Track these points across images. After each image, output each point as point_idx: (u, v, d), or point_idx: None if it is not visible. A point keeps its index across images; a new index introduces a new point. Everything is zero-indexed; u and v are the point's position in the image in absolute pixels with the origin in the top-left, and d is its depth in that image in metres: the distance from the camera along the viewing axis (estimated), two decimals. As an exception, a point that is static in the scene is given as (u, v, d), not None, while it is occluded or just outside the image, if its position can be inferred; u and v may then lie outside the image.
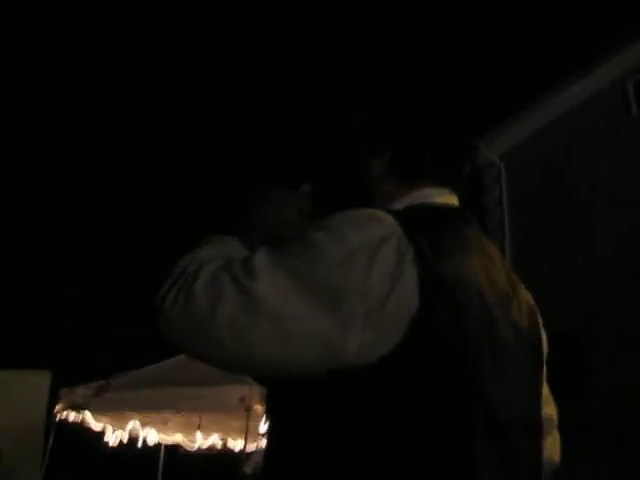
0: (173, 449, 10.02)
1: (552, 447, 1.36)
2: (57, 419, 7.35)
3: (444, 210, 1.19)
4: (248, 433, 7.02)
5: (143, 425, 8.54)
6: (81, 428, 7.76)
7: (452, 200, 1.25)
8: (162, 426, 8.71)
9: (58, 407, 7.31)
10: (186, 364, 7.73)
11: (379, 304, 0.94)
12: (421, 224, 1.04)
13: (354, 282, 0.94)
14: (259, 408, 6.82)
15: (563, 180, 8.84)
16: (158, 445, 9.60)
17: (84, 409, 7.28)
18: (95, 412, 7.53)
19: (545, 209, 9.07)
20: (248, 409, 6.70)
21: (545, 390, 1.30)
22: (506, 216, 10.04)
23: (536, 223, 9.21)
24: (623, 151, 8.19)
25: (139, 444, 8.87)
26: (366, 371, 0.95)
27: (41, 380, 6.70)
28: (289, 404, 1.06)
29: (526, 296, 1.27)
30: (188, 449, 9.77)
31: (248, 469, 6.95)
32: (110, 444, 8.53)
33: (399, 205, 1.17)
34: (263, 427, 7.31)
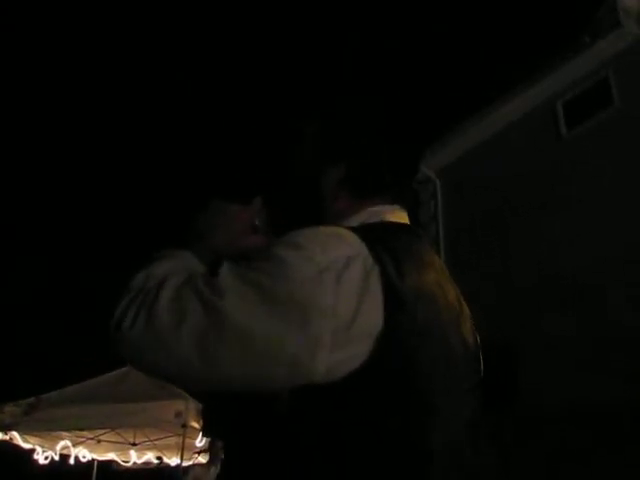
0: (106, 464, 9.79)
1: None
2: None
3: (399, 227, 1.19)
4: (184, 449, 6.93)
5: (75, 444, 8.31)
6: (9, 446, 7.49)
7: (403, 217, 1.26)
8: (95, 445, 8.48)
9: (-15, 427, 7.03)
10: (119, 380, 7.56)
11: (346, 324, 0.94)
12: (382, 242, 1.04)
13: (322, 301, 0.93)
14: (195, 424, 6.73)
15: (496, 196, 9.10)
16: (91, 461, 9.36)
17: (12, 429, 7.03)
18: (24, 432, 7.28)
19: (478, 224, 9.32)
20: (184, 425, 6.60)
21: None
22: (441, 230, 10.27)
23: (469, 237, 9.45)
24: (553, 170, 8.50)
25: (71, 461, 8.63)
26: (331, 388, 0.95)
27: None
28: (246, 423, 1.05)
29: (467, 310, 1.29)
30: (122, 465, 9.56)
31: (187, 484, 6.85)
32: (40, 462, 8.27)
33: (353, 222, 1.17)
34: (199, 443, 7.22)
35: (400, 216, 1.25)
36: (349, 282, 0.96)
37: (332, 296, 0.94)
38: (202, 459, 7.70)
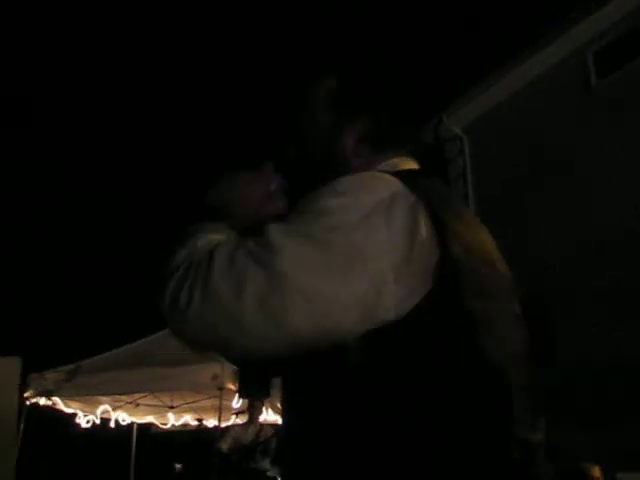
0: (146, 427, 10.04)
1: None
2: (28, 404, 7.29)
3: (424, 173, 1.17)
4: (221, 411, 7.07)
5: (114, 409, 8.53)
6: (53, 411, 7.72)
7: (415, 165, 1.24)
8: (133, 409, 8.70)
9: (28, 393, 7.25)
10: (156, 345, 7.72)
11: (404, 258, 0.94)
12: (416, 182, 1.04)
13: (376, 242, 0.93)
14: (231, 386, 6.85)
15: (525, 151, 8.96)
16: (131, 424, 9.61)
17: (54, 395, 7.23)
18: (65, 397, 7.49)
19: (507, 180, 9.19)
20: (221, 387, 6.72)
21: None
22: (470, 187, 10.16)
23: (499, 194, 9.33)
24: (583, 123, 8.33)
25: (111, 424, 8.88)
26: (398, 328, 0.94)
27: (12, 366, 6.61)
28: (314, 379, 1.01)
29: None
30: (160, 428, 9.81)
31: (224, 445, 7.00)
32: (82, 426, 8.52)
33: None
34: (236, 404, 7.36)
35: (413, 164, 1.24)
36: (398, 218, 0.95)
37: (385, 234, 0.94)
38: (240, 420, 7.86)
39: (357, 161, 1.19)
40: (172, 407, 8.60)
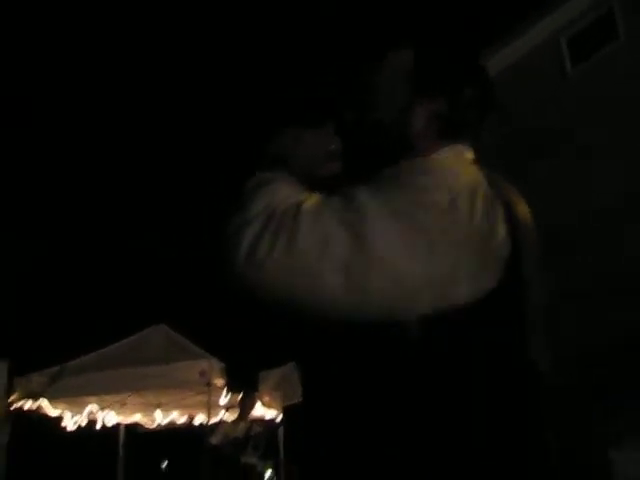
0: (133, 426, 9.98)
1: None
2: (13, 408, 7.22)
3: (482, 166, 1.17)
4: (210, 407, 7.06)
5: (101, 409, 8.47)
6: (39, 414, 7.65)
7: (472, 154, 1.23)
8: (120, 408, 8.65)
9: (14, 396, 7.17)
10: (142, 343, 7.68)
11: (482, 247, 0.95)
12: (489, 175, 1.05)
13: (460, 227, 0.93)
14: (219, 381, 6.85)
15: (504, 137, 9.03)
16: (118, 424, 9.55)
17: (41, 397, 7.17)
18: (52, 399, 7.43)
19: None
20: (209, 383, 6.71)
21: None
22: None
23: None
24: (559, 108, 8.41)
25: (98, 426, 8.81)
26: (463, 312, 0.93)
27: (-1, 370, 6.56)
28: (366, 354, 0.99)
29: None
30: (147, 427, 9.76)
31: (214, 440, 6.99)
32: (69, 429, 8.45)
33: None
34: (224, 400, 7.36)
35: (472, 153, 1.22)
36: (480, 208, 0.96)
37: (468, 221, 0.94)
38: (229, 415, 7.86)
39: (422, 141, 1.16)
40: (160, 405, 8.57)
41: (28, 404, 7.23)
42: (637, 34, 7.86)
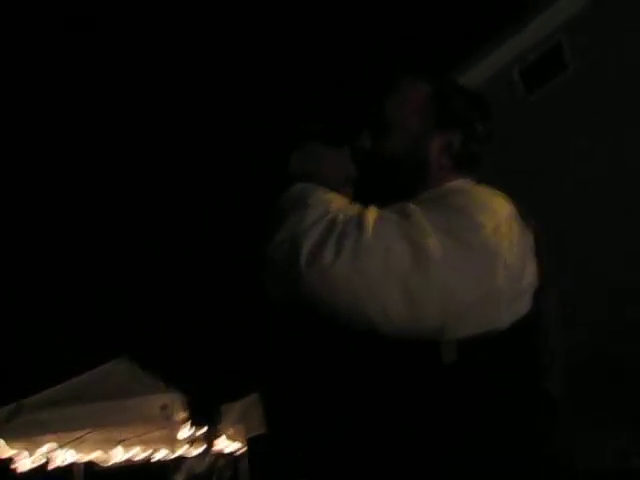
0: (91, 465, 9.70)
1: None
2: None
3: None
4: (173, 442, 6.94)
5: (60, 446, 8.25)
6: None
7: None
8: (79, 445, 8.43)
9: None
10: (101, 377, 7.52)
11: (518, 277, 0.98)
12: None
13: (504, 254, 0.96)
14: (181, 415, 6.74)
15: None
16: (71, 465, 9.28)
17: (-4, 436, 6.95)
18: (8, 438, 7.20)
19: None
20: (169, 417, 6.60)
21: None
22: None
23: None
24: (515, 139, 8.62)
25: (52, 466, 8.54)
26: (496, 338, 0.96)
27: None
28: (399, 373, 0.99)
29: None
30: (106, 465, 9.51)
31: (180, 477, 6.86)
32: (21, 470, 8.17)
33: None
34: (184, 433, 7.23)
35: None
36: (517, 239, 1.00)
37: (509, 250, 0.97)
38: (192, 450, 7.72)
39: (437, 172, 1.20)
40: (120, 441, 8.38)
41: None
42: (584, 64, 8.15)
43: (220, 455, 7.36)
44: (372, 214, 0.97)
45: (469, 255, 0.93)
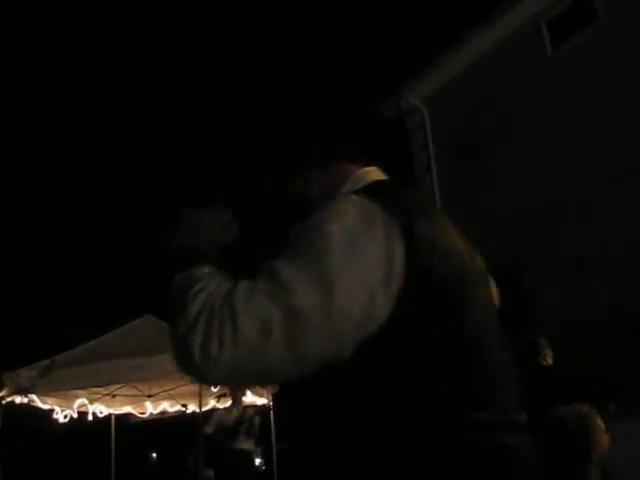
0: (124, 417, 9.99)
1: None
2: (4, 403, 7.19)
3: (390, 182, 1.31)
4: (202, 396, 7.08)
5: (91, 402, 8.47)
6: (30, 408, 7.63)
7: (381, 174, 1.36)
8: (110, 400, 8.65)
9: (4, 392, 7.14)
10: (130, 335, 7.66)
11: (387, 273, 1.04)
12: (385, 196, 1.14)
13: (364, 261, 1.03)
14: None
15: (486, 120, 9.05)
16: (108, 416, 9.56)
17: (30, 392, 7.15)
18: (42, 394, 7.41)
19: (469, 149, 9.29)
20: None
21: None
22: (433, 160, 10.24)
23: (463, 164, 9.44)
24: (541, 90, 8.43)
25: (89, 417, 8.81)
26: (376, 336, 1.04)
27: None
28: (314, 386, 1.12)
29: (476, 253, 1.35)
30: (138, 418, 9.78)
31: (209, 429, 7.03)
32: (60, 421, 8.44)
33: (346, 190, 1.28)
34: (215, 388, 7.38)
35: (380, 174, 1.36)
36: (378, 236, 1.06)
37: (369, 253, 1.04)
38: (221, 404, 7.89)
39: (318, 188, 1.35)
40: (150, 396, 8.57)
41: (18, 399, 7.20)
42: (615, 14, 7.89)
43: (249, 408, 7.50)
44: (241, 291, 1.04)
45: (335, 286, 1.01)
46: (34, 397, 7.32)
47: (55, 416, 8.34)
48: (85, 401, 8.29)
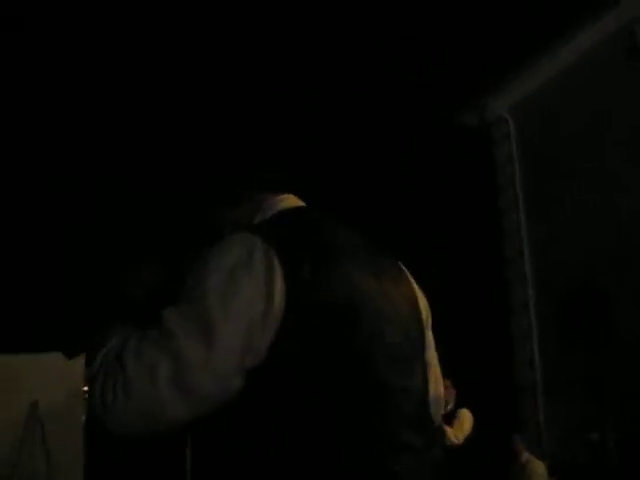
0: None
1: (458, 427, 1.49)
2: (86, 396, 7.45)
3: (297, 211, 1.37)
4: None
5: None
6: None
7: (294, 200, 1.42)
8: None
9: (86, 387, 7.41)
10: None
11: (267, 306, 1.11)
12: (278, 230, 1.22)
13: (243, 298, 1.11)
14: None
15: (575, 130, 8.74)
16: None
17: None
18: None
19: (557, 161, 9.00)
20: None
21: (437, 372, 1.48)
22: (518, 170, 9.96)
23: (549, 176, 9.14)
24: (633, 96, 8.08)
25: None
26: (257, 372, 1.13)
27: (77, 362, 6.85)
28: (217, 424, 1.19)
29: (402, 277, 1.42)
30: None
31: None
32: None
33: (256, 220, 1.37)
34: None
35: (292, 200, 1.41)
36: (257, 269, 1.12)
37: (249, 288, 1.12)
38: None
39: (237, 212, 1.43)
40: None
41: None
42: None
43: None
44: (132, 343, 1.14)
45: (208, 324, 1.09)
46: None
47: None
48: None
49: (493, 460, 6.76)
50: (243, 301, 1.11)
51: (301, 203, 1.43)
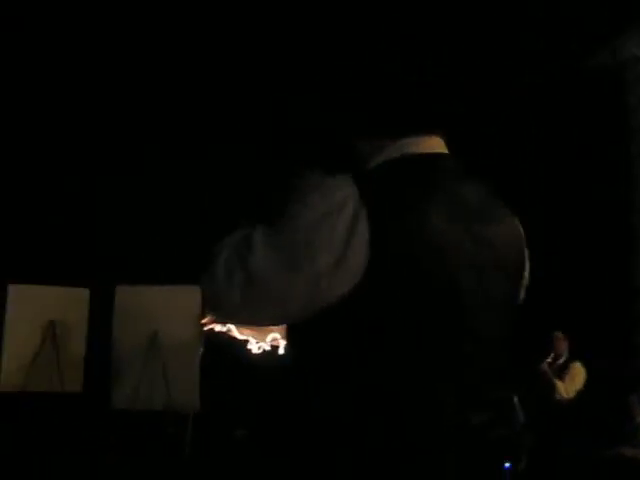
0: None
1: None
2: (207, 328, 7.86)
3: (420, 160, 1.32)
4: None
5: (283, 337, 8.98)
6: (227, 337, 8.28)
7: (434, 146, 1.36)
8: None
9: (205, 320, 7.81)
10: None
11: (341, 255, 1.16)
12: (381, 182, 1.25)
13: (323, 240, 1.18)
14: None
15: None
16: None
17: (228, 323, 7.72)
18: (238, 325, 7.97)
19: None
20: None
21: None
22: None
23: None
24: None
25: (281, 351, 9.38)
26: (335, 309, 1.19)
27: (194, 295, 7.26)
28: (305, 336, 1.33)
29: (510, 230, 1.40)
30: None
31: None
32: (254, 351, 9.09)
33: (377, 160, 1.34)
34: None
35: (430, 145, 1.35)
36: (344, 220, 1.17)
37: (330, 236, 1.17)
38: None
39: (363, 147, 1.41)
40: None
41: (218, 327, 7.85)
42: None
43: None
44: (226, 242, 1.31)
45: (288, 255, 1.20)
46: (231, 327, 7.93)
47: (249, 347, 9.00)
48: (277, 336, 8.81)
49: (606, 420, 6.57)
50: (324, 245, 1.17)
51: (439, 149, 1.38)
